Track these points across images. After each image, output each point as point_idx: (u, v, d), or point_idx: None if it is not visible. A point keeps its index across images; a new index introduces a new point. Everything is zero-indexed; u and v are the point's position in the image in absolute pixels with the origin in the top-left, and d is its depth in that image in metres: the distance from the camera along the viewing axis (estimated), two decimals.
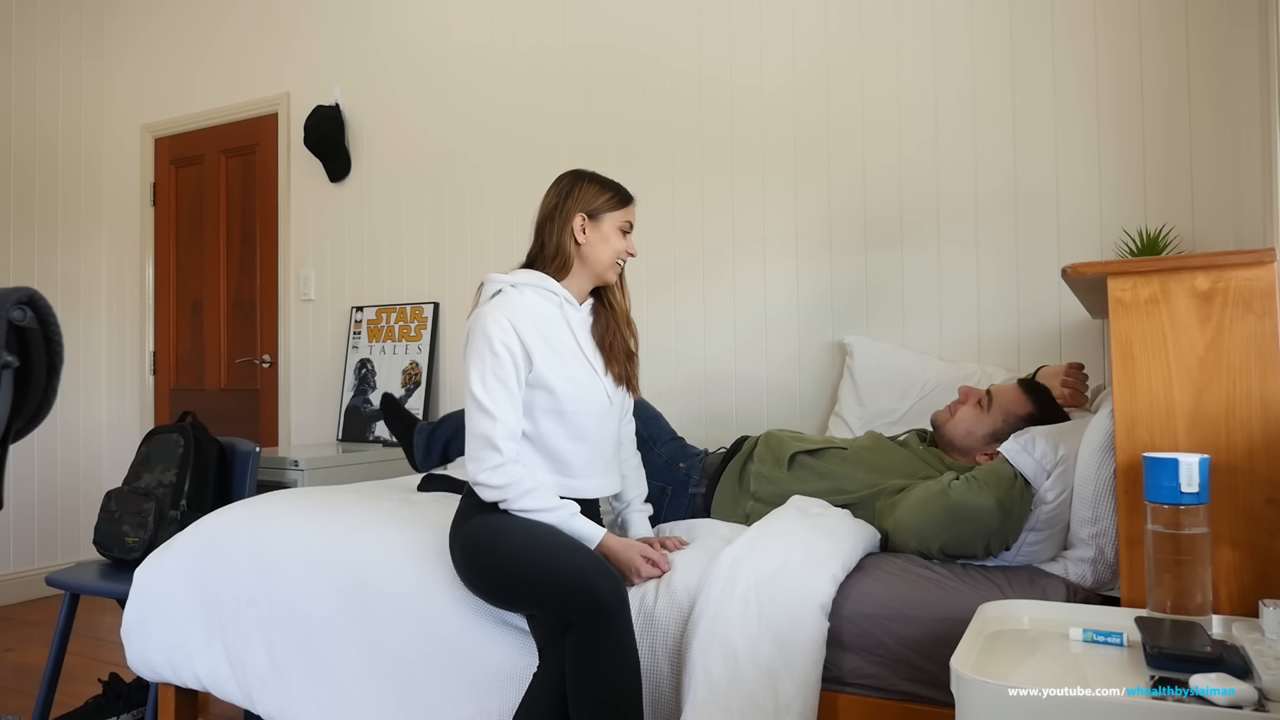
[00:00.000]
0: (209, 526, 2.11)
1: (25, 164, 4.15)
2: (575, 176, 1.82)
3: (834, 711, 1.50)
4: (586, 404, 1.72)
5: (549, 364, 1.69)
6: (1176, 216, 2.35)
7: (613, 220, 1.78)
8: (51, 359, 0.93)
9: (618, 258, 1.79)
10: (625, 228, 1.80)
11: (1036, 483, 1.67)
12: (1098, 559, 1.62)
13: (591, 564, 1.53)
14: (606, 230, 1.77)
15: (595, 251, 1.77)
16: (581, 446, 1.73)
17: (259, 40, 4.06)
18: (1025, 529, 1.68)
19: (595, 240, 1.76)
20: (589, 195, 1.77)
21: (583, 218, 1.76)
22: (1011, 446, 1.69)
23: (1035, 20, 2.53)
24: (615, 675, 1.45)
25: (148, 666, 2.08)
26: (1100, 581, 1.63)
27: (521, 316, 1.69)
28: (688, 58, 3.05)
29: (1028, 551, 1.70)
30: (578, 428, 1.72)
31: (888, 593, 1.55)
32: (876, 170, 2.74)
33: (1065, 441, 1.70)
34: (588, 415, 1.72)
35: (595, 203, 1.77)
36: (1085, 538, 1.63)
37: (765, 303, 2.91)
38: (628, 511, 1.93)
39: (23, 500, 4.07)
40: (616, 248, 1.79)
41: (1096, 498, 1.61)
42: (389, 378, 3.60)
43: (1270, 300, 1.29)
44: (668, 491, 2.08)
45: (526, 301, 1.73)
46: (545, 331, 1.72)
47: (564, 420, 1.71)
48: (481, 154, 3.47)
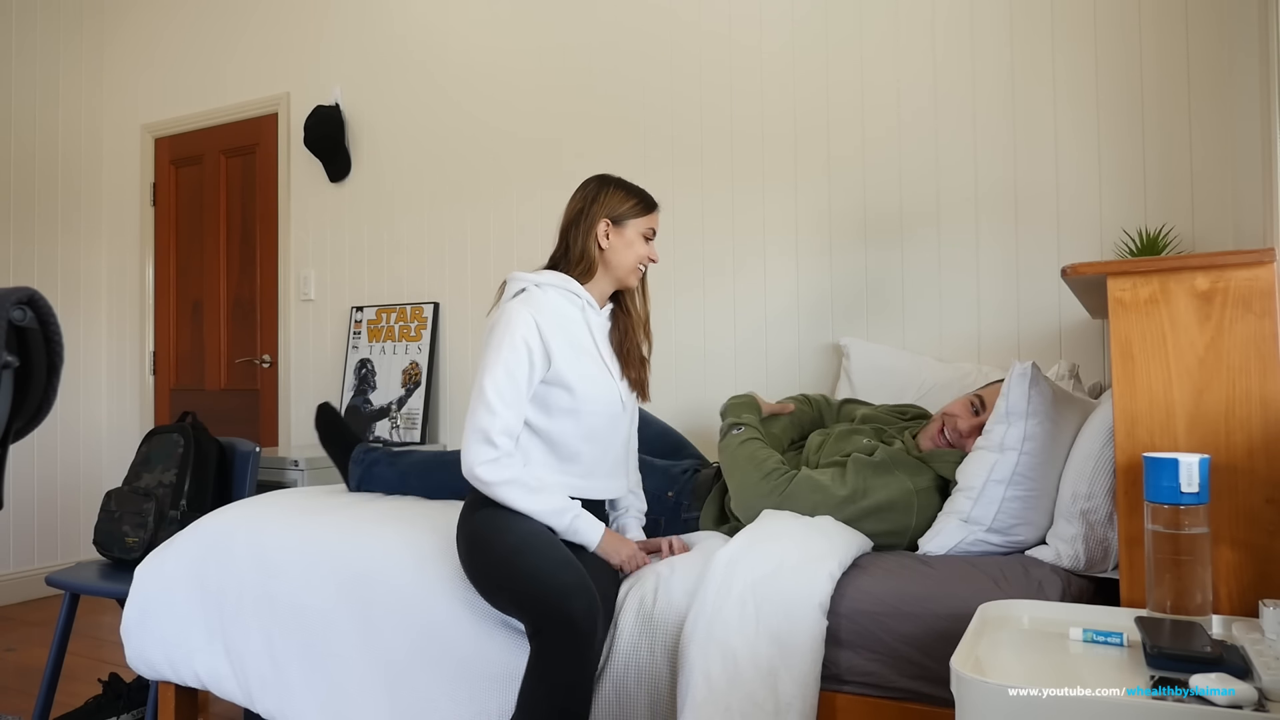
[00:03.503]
0: (209, 526, 2.11)
1: (25, 164, 4.15)
2: (601, 182, 1.84)
3: (833, 711, 1.50)
4: (601, 405, 1.76)
5: (570, 363, 1.72)
6: (1176, 216, 2.36)
7: (636, 226, 1.81)
8: (51, 359, 0.93)
9: (640, 263, 1.82)
10: (649, 234, 1.83)
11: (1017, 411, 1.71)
12: (1088, 535, 1.61)
13: (574, 580, 1.52)
14: (630, 236, 1.80)
15: (618, 256, 1.80)
16: (593, 447, 1.76)
17: (259, 40, 4.06)
18: (1003, 483, 1.70)
19: (619, 245, 1.80)
20: (614, 201, 1.81)
21: (607, 223, 1.80)
22: (1019, 369, 1.73)
23: (1035, 20, 2.53)
24: (570, 688, 1.48)
25: (147, 665, 2.08)
26: (1092, 561, 1.62)
27: (546, 315, 1.72)
28: (687, 58, 3.05)
29: (1008, 509, 1.71)
30: (591, 428, 1.75)
31: (885, 589, 1.55)
32: (876, 170, 2.74)
33: (1065, 403, 1.73)
34: (601, 417, 1.76)
35: (620, 209, 1.80)
36: (1075, 512, 1.63)
37: (765, 302, 2.91)
38: (625, 517, 1.93)
39: (23, 500, 4.07)
40: (639, 253, 1.81)
41: (1095, 473, 1.62)
42: (389, 378, 3.60)
43: (1270, 300, 1.29)
44: (661, 523, 2.05)
45: (550, 301, 1.76)
46: (568, 331, 1.75)
47: (579, 420, 1.73)
48: (482, 154, 3.47)
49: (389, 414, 3.54)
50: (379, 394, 3.61)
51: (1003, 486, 1.71)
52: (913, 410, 2.22)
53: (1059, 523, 1.68)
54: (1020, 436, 1.70)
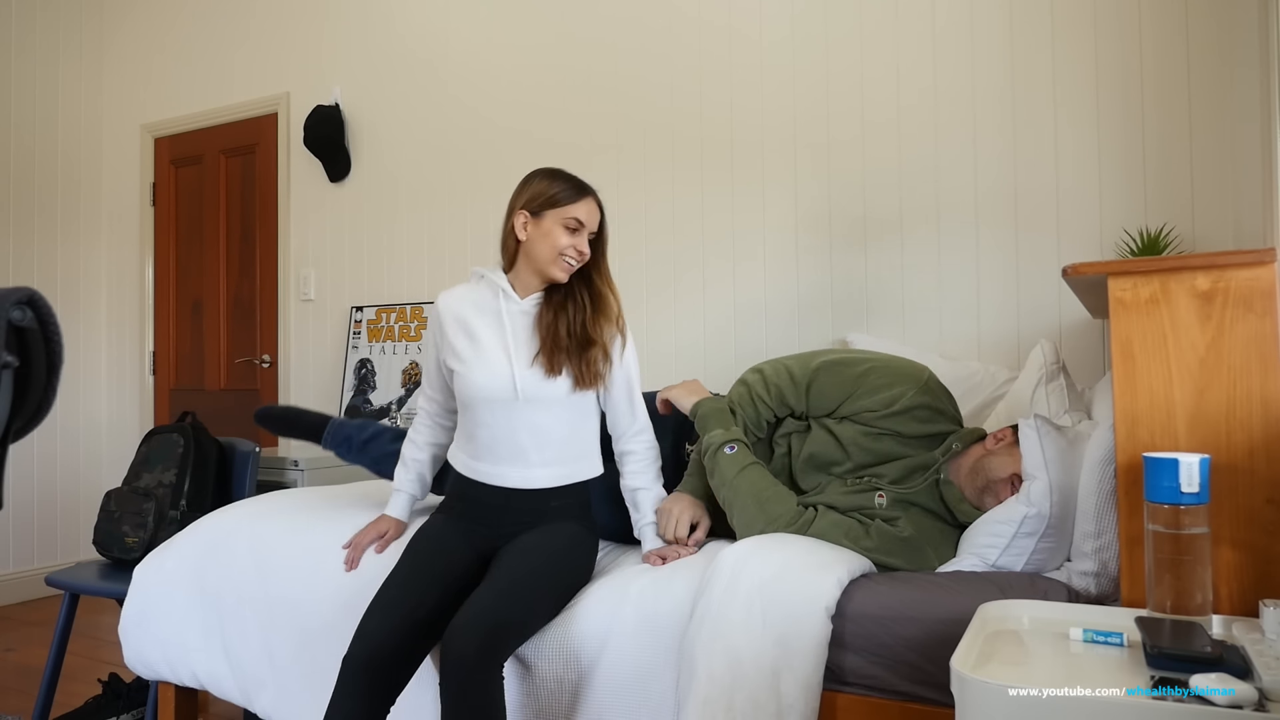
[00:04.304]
0: (209, 526, 2.11)
1: (25, 164, 4.15)
2: (531, 173, 1.85)
3: (834, 711, 1.50)
4: (484, 393, 1.77)
5: (461, 350, 1.81)
6: (1176, 216, 2.35)
7: (555, 217, 1.78)
8: (51, 359, 0.93)
9: (561, 253, 1.78)
10: (571, 224, 1.78)
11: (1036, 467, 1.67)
12: (1100, 573, 1.59)
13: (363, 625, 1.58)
14: (547, 226, 1.78)
15: (535, 247, 1.79)
16: (483, 433, 1.80)
17: (259, 40, 4.06)
18: (1034, 537, 1.66)
19: (536, 236, 1.79)
20: (533, 192, 1.81)
21: (525, 215, 1.80)
22: (1024, 427, 1.69)
23: (1035, 20, 2.53)
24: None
25: (144, 664, 2.08)
26: (1103, 594, 1.61)
27: (455, 304, 1.86)
28: (688, 55, 3.05)
29: (1035, 560, 1.68)
30: (474, 414, 1.80)
31: (890, 594, 1.54)
32: (877, 169, 2.74)
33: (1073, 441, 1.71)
34: (484, 404, 1.78)
35: (538, 200, 1.79)
36: (1088, 551, 1.61)
37: (766, 301, 2.91)
38: (644, 529, 1.85)
39: (23, 500, 4.07)
40: (557, 244, 1.77)
41: (1099, 511, 1.59)
42: (389, 378, 3.60)
43: (1270, 300, 1.29)
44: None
45: (473, 291, 1.88)
46: (472, 320, 1.83)
47: (466, 407, 1.81)
48: (481, 153, 3.47)
49: (389, 414, 3.54)
50: (379, 394, 3.61)
51: (1033, 540, 1.66)
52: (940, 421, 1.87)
53: (1075, 559, 1.66)
54: (1045, 490, 1.65)
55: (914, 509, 1.79)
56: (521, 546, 1.71)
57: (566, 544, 1.73)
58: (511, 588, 1.59)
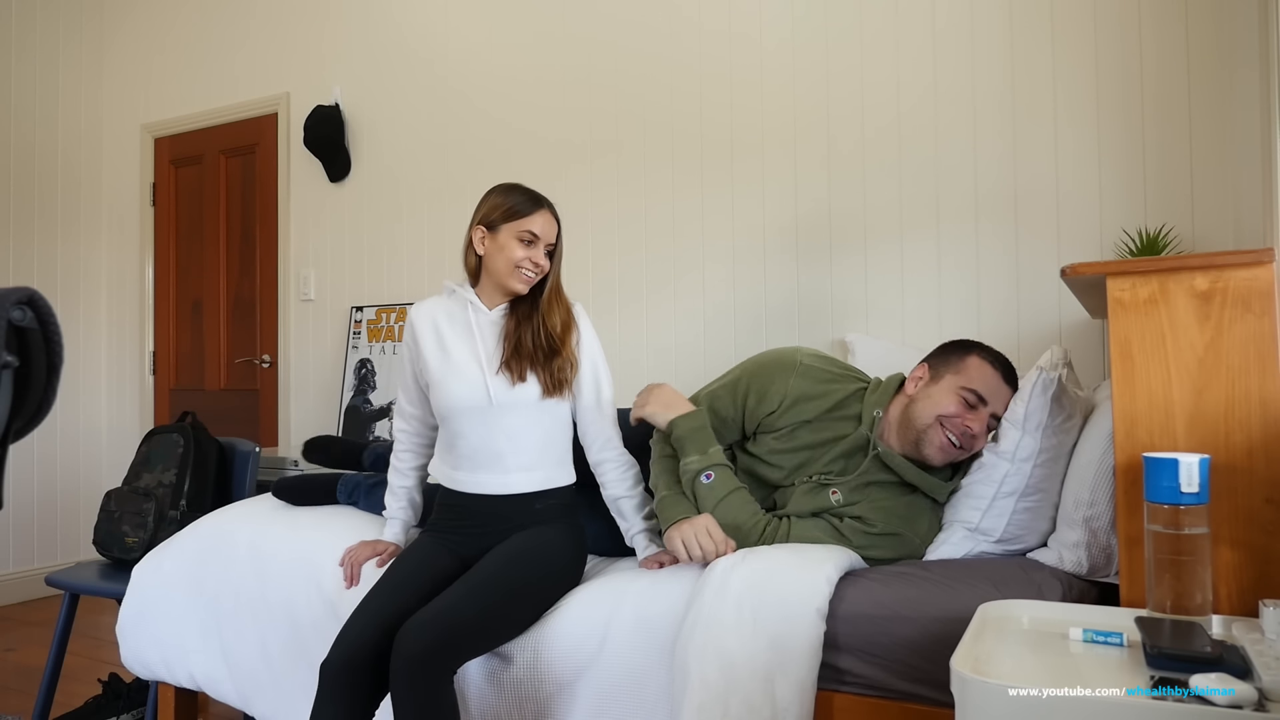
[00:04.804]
0: (208, 526, 2.11)
1: (25, 164, 4.15)
2: (490, 189, 1.89)
3: (833, 711, 1.50)
4: (461, 402, 1.79)
5: (433, 362, 1.84)
6: (1176, 216, 2.36)
7: (509, 230, 1.81)
8: (51, 359, 0.93)
9: (517, 265, 1.80)
10: (525, 237, 1.80)
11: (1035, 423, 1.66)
12: (1090, 542, 1.60)
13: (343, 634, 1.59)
14: (503, 240, 1.81)
15: (492, 261, 1.83)
16: (461, 442, 1.82)
17: (259, 40, 4.06)
18: (1014, 495, 1.67)
19: (492, 250, 1.83)
20: (489, 206, 1.85)
21: (482, 229, 1.85)
22: (1043, 379, 1.65)
23: (1035, 21, 2.53)
24: None
25: (142, 664, 2.08)
26: (1095, 566, 1.61)
27: (429, 316, 1.88)
28: (688, 54, 3.05)
29: (1017, 520, 1.68)
30: (450, 423, 1.82)
31: (883, 593, 1.54)
32: (876, 168, 2.74)
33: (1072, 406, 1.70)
34: (462, 414, 1.80)
35: (493, 214, 1.83)
36: (1078, 519, 1.62)
37: (765, 300, 2.91)
38: (635, 537, 1.84)
39: (23, 500, 4.07)
40: (513, 257, 1.80)
41: (1097, 480, 1.60)
42: (389, 378, 3.60)
43: (1269, 300, 1.29)
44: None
45: (444, 303, 1.91)
46: (444, 332, 1.86)
47: (443, 416, 1.83)
48: (482, 153, 3.47)
49: (389, 414, 3.54)
50: (379, 394, 3.61)
51: (1014, 499, 1.67)
52: (836, 390, 1.84)
53: (1062, 528, 1.66)
54: (1035, 449, 1.66)
55: (871, 488, 1.77)
56: (498, 552, 1.72)
57: (545, 547, 1.73)
58: (470, 591, 1.60)
